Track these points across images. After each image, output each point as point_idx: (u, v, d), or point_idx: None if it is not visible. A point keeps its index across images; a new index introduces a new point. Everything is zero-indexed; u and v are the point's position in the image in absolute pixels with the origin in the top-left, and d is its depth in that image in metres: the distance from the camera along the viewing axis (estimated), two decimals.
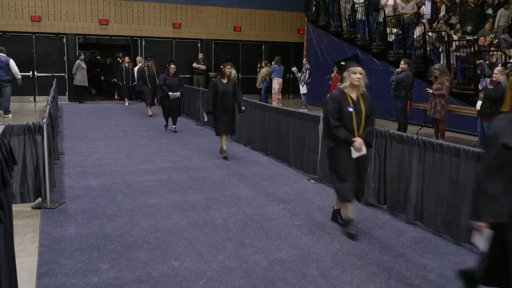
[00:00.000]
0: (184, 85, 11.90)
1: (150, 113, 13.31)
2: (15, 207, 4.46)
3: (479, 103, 8.37)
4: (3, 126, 2.91)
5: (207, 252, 4.16)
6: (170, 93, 10.25)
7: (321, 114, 5.72)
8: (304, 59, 15.81)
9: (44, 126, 5.22)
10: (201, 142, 9.50)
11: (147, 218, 5.00)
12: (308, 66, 14.98)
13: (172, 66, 10.42)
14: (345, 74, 4.58)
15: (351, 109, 4.50)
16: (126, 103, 16.18)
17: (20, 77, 12.42)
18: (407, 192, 5.02)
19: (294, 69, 16.32)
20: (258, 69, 16.96)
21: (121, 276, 3.67)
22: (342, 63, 4.73)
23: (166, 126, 10.90)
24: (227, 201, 5.66)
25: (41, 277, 3.63)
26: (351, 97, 4.54)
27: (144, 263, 3.91)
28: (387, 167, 5.34)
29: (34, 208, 5.20)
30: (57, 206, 5.26)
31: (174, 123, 10.68)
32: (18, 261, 3.00)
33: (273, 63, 15.92)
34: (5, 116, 12.26)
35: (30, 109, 14.55)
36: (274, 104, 12.91)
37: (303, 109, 13.94)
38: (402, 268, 3.95)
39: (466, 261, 4.11)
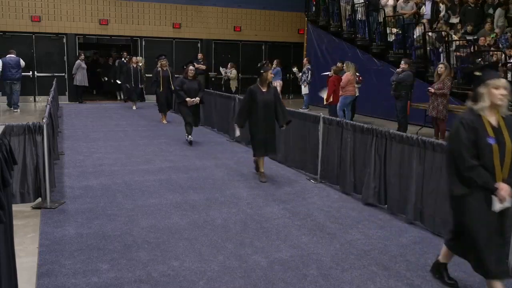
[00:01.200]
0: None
1: (164, 121, 12.10)
2: (15, 207, 4.46)
3: None
4: (3, 126, 2.91)
5: (207, 252, 4.16)
6: (188, 99, 8.84)
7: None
8: (305, 59, 15.82)
9: (44, 126, 5.22)
10: (201, 142, 9.49)
11: (147, 218, 5.00)
12: (309, 66, 15.00)
13: (191, 68, 9.01)
14: (483, 89, 3.22)
15: (492, 142, 3.14)
16: (134, 107, 14.94)
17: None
18: (407, 192, 5.02)
19: (295, 69, 16.33)
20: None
21: (121, 276, 3.67)
22: (477, 73, 3.47)
23: (188, 137, 9.21)
24: (227, 201, 5.66)
25: (41, 277, 3.63)
26: (490, 123, 3.19)
27: (144, 263, 3.91)
28: (387, 167, 5.34)
29: (34, 208, 5.20)
30: (57, 206, 5.26)
31: (189, 133, 9.11)
32: (18, 261, 3.00)
33: (273, 65, 15.27)
34: (14, 110, 13.73)
35: (30, 109, 14.55)
36: None
37: (303, 109, 13.95)
38: (402, 268, 3.95)
39: (466, 261, 4.10)
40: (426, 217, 4.84)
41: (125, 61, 16.39)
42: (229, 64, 17.01)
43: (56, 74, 16.51)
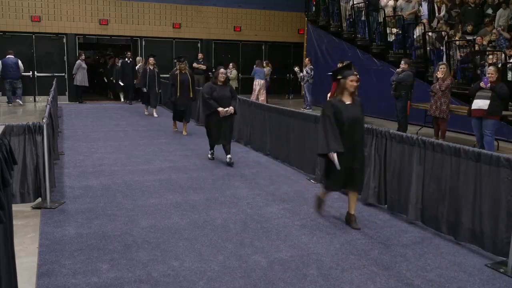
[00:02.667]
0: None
1: (184, 132, 10.47)
2: (15, 207, 4.46)
3: (479, 102, 8.06)
4: (3, 126, 2.91)
5: (207, 252, 4.16)
6: (220, 109, 7.26)
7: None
8: (306, 59, 15.83)
9: (44, 126, 5.21)
10: (201, 142, 9.48)
11: (147, 218, 5.00)
12: (312, 66, 15.04)
13: (221, 71, 7.45)
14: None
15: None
16: (155, 114, 13.29)
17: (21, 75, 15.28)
18: (407, 192, 5.02)
19: (296, 69, 16.36)
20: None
21: (121, 276, 3.67)
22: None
23: (213, 154, 7.90)
24: (227, 201, 5.65)
25: (41, 277, 3.63)
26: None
27: (144, 263, 3.91)
28: (387, 167, 5.34)
29: (34, 208, 5.20)
30: (57, 206, 5.26)
31: (227, 152, 7.56)
32: (18, 261, 2.99)
33: (254, 66, 16.31)
34: (17, 102, 15.17)
35: (30, 109, 14.55)
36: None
37: (307, 109, 13.96)
38: (402, 268, 3.95)
39: (466, 261, 4.11)
40: (426, 217, 4.84)
41: (128, 61, 16.14)
42: (231, 64, 17.02)
43: (56, 74, 16.52)
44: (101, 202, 5.49)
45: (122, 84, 16.33)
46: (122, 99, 17.24)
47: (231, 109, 7.36)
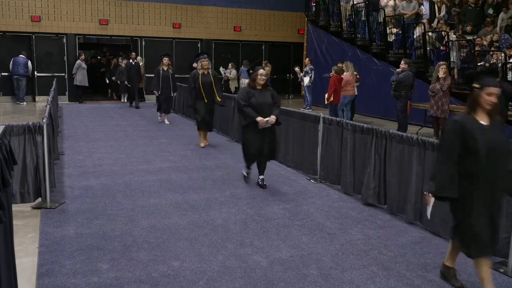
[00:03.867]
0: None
1: (203, 143, 8.98)
2: (15, 207, 4.46)
3: None
4: (3, 126, 2.91)
5: (207, 252, 4.16)
6: (259, 119, 5.90)
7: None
8: (307, 59, 15.84)
9: (44, 126, 5.21)
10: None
11: (147, 218, 5.00)
12: (312, 66, 15.05)
13: (261, 72, 6.08)
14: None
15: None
16: (167, 121, 12.02)
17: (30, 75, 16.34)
18: (407, 192, 5.02)
19: (296, 69, 16.37)
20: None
21: (121, 276, 3.67)
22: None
23: (248, 174, 6.50)
24: (227, 201, 5.65)
25: (41, 277, 3.63)
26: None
27: (144, 263, 3.91)
28: (387, 167, 5.34)
29: (34, 208, 5.20)
30: (57, 206, 5.26)
31: (261, 171, 6.37)
32: (18, 261, 3.00)
33: (242, 66, 16.67)
34: (20, 103, 15.80)
35: (30, 109, 14.55)
36: None
37: (307, 109, 13.98)
38: (402, 268, 3.95)
39: (467, 261, 4.11)
40: (426, 217, 4.83)
41: (133, 62, 15.28)
42: (230, 64, 17.03)
43: (56, 74, 16.52)
44: (101, 202, 5.49)
45: (129, 85, 15.44)
46: (125, 100, 16.78)
47: (272, 118, 5.95)
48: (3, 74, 16.33)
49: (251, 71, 8.18)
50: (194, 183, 6.40)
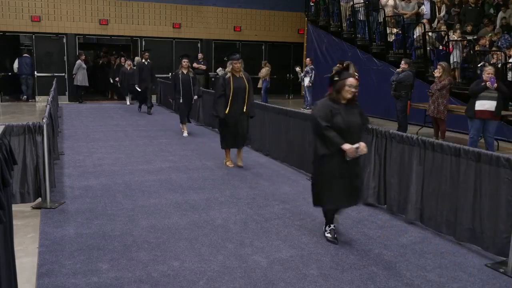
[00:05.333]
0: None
1: (230, 162, 7.44)
2: (15, 207, 4.46)
3: (485, 103, 7.89)
4: (3, 126, 2.91)
5: (207, 252, 4.16)
6: (346, 147, 4.15)
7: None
8: (308, 59, 15.85)
9: (44, 126, 5.22)
10: (201, 142, 9.49)
11: (147, 218, 5.00)
12: (313, 66, 15.06)
13: (350, 81, 4.24)
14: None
15: None
16: (185, 133, 10.27)
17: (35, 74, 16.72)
18: (407, 192, 5.01)
19: (297, 69, 16.38)
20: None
21: (121, 276, 3.67)
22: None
23: (334, 233, 4.54)
24: (227, 201, 5.65)
25: (41, 277, 3.63)
26: None
27: (144, 263, 3.91)
28: (387, 167, 5.33)
29: (34, 208, 5.20)
30: (57, 206, 5.26)
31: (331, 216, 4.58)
32: (18, 261, 3.00)
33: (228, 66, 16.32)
34: (30, 100, 16.45)
35: (30, 109, 14.55)
36: None
37: (307, 109, 13.97)
38: (402, 268, 3.95)
39: (466, 261, 4.11)
40: (426, 217, 4.84)
41: (146, 63, 13.68)
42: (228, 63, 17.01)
43: (56, 74, 16.53)
44: (101, 202, 5.49)
45: (139, 90, 13.66)
46: (128, 103, 16.07)
47: (363, 146, 4.22)
48: (3, 74, 16.37)
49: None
50: (194, 183, 6.40)
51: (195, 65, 17.41)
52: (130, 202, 5.52)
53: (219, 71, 17.03)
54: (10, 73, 16.59)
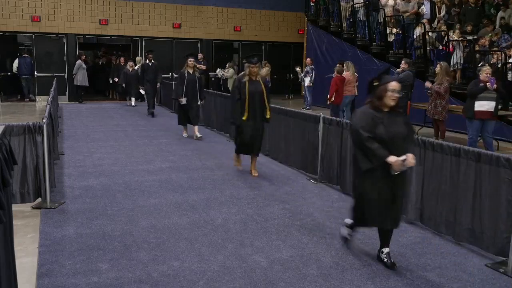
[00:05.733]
0: None
1: (240, 165, 7.22)
2: (15, 207, 4.46)
3: (485, 104, 7.85)
4: (3, 126, 2.91)
5: (207, 252, 4.16)
6: (392, 159, 3.71)
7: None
8: (308, 59, 15.85)
9: (44, 126, 5.21)
10: (201, 142, 9.49)
11: (147, 218, 5.00)
12: (313, 66, 15.06)
13: (393, 85, 3.85)
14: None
15: None
16: (198, 133, 9.83)
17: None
18: (408, 192, 5.01)
19: (298, 69, 16.38)
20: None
21: (121, 276, 3.67)
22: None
23: (351, 238, 4.39)
24: (227, 201, 5.65)
25: (41, 277, 3.63)
26: None
27: (144, 263, 3.91)
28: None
29: (34, 208, 5.20)
30: (57, 206, 5.26)
31: (387, 243, 4.10)
32: (18, 261, 3.00)
33: (227, 66, 16.88)
34: (32, 97, 16.64)
35: (30, 109, 14.55)
36: None
37: (307, 109, 13.97)
38: (402, 268, 3.95)
39: (466, 261, 4.11)
40: (426, 217, 4.84)
41: (149, 63, 13.18)
42: (227, 64, 17.06)
43: (56, 74, 16.53)
44: (101, 202, 5.49)
45: (143, 92, 13.57)
46: (132, 103, 15.66)
47: (410, 158, 3.76)
48: (3, 74, 16.38)
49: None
50: (194, 183, 6.40)
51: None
52: (130, 202, 5.52)
53: (219, 72, 17.05)
54: (9, 73, 16.60)
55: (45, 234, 4.47)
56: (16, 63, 16.38)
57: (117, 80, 16.21)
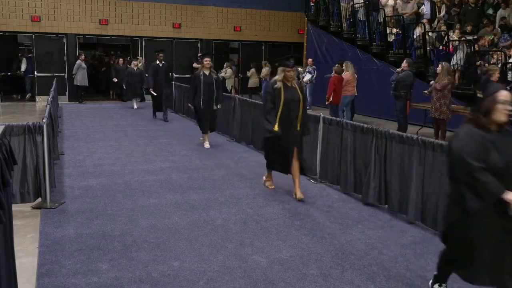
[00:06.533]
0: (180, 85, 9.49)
1: (269, 183, 6.26)
2: (15, 207, 4.46)
3: None
4: (3, 126, 2.91)
5: (207, 252, 4.15)
6: (509, 196, 2.82)
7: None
8: (310, 59, 15.84)
9: (44, 126, 5.21)
10: (201, 142, 9.48)
11: (147, 218, 5.00)
12: (315, 67, 15.06)
13: (504, 96, 2.93)
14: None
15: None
16: (207, 144, 8.85)
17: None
18: (408, 192, 5.02)
19: (300, 69, 16.37)
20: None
21: (121, 276, 3.67)
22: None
23: None
24: (227, 201, 5.65)
25: (41, 277, 3.62)
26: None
27: (144, 263, 3.91)
28: (387, 167, 5.33)
29: (34, 208, 5.20)
30: (57, 206, 5.25)
31: None
32: (18, 261, 3.00)
33: (224, 66, 17.07)
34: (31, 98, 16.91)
35: (30, 109, 14.55)
36: None
37: (307, 109, 13.94)
38: (402, 268, 3.95)
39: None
40: (426, 217, 4.84)
41: (160, 64, 12.12)
42: (225, 64, 17.08)
43: (56, 74, 16.52)
44: (101, 202, 5.49)
45: (155, 94, 12.13)
46: (135, 105, 14.90)
47: None
48: (3, 74, 16.39)
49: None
50: (194, 183, 6.40)
51: (194, 64, 17.41)
52: (130, 202, 5.52)
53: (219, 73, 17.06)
54: (10, 73, 16.60)
55: (45, 234, 4.47)
56: (24, 63, 16.65)
57: (116, 80, 16.12)
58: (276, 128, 5.69)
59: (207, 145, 8.85)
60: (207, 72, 8.65)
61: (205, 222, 4.91)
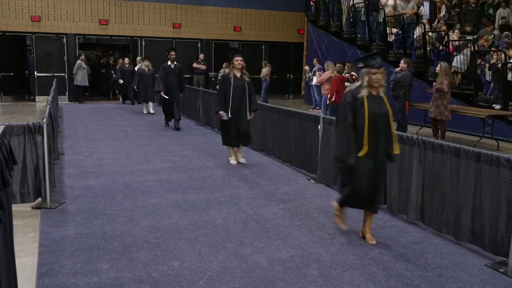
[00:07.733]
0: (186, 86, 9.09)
1: (366, 238, 4.56)
2: (15, 207, 4.47)
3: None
4: (3, 126, 2.91)
5: (207, 252, 4.15)
6: None
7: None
8: (315, 59, 15.84)
9: (44, 126, 5.21)
10: (201, 142, 9.50)
11: (147, 218, 5.00)
12: (321, 66, 15.06)
13: None
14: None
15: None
16: (233, 161, 7.57)
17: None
18: (408, 192, 5.02)
19: (306, 67, 16.39)
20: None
21: (121, 276, 3.67)
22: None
23: None
24: (227, 201, 5.65)
25: (41, 277, 3.62)
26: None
27: (144, 263, 3.91)
28: (387, 167, 5.32)
29: (34, 208, 5.20)
30: (57, 206, 5.25)
31: None
32: (18, 261, 2.99)
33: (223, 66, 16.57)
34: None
35: (30, 109, 14.55)
36: None
37: (316, 109, 13.94)
38: (402, 268, 3.95)
39: (466, 261, 4.11)
40: (426, 217, 4.84)
41: (171, 65, 10.76)
42: (224, 64, 17.08)
43: (56, 74, 16.53)
44: (101, 202, 5.49)
45: (167, 97, 10.79)
46: (152, 110, 13.92)
47: None
48: (3, 74, 16.38)
49: None
50: (194, 183, 6.40)
51: (195, 65, 17.44)
52: (130, 202, 5.52)
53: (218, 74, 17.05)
54: (11, 73, 16.60)
55: (45, 234, 4.47)
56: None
57: (121, 81, 15.88)
58: (362, 153, 4.19)
59: (233, 161, 7.49)
60: (238, 74, 7.24)
61: (205, 222, 4.91)
